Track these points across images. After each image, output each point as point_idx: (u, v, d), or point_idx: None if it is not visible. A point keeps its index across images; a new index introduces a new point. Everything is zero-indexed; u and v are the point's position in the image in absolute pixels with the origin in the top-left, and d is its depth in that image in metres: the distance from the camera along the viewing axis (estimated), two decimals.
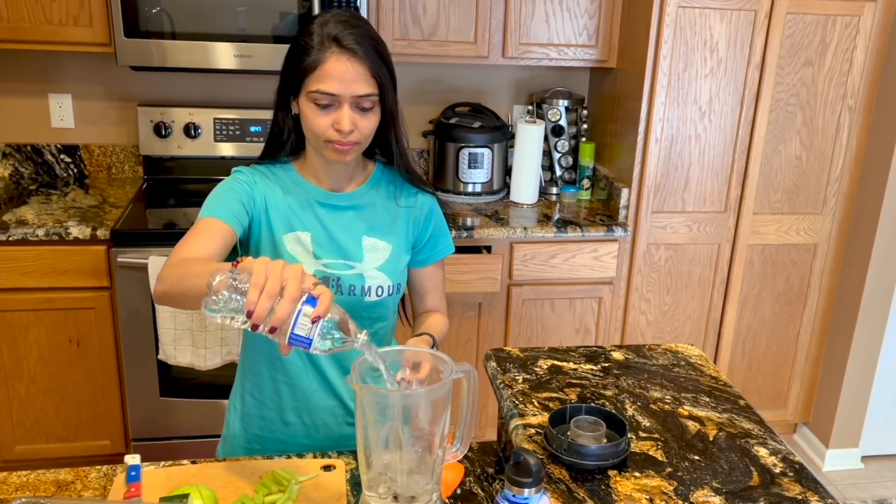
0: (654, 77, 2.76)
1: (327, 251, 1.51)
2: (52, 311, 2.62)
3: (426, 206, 1.60)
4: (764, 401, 3.26)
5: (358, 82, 1.39)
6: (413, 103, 3.23)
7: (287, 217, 1.51)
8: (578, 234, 2.82)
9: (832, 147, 2.96)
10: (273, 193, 1.51)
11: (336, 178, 1.54)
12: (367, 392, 1.15)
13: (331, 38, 1.38)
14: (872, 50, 2.85)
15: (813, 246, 3.08)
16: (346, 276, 1.51)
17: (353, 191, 1.55)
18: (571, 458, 1.34)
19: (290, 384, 1.58)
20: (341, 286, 1.51)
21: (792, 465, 1.37)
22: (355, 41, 1.38)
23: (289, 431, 1.61)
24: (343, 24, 1.40)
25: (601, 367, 1.68)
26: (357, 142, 1.43)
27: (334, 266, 1.51)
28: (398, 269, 1.56)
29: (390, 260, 1.55)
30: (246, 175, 1.51)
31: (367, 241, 1.54)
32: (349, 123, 1.40)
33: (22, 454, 2.78)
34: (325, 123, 1.41)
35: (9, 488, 1.34)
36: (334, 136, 1.41)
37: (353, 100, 1.40)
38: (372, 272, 1.53)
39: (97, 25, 2.64)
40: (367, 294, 1.52)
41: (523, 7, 2.86)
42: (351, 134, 1.41)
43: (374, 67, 1.40)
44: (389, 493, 1.19)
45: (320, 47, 1.38)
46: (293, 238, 1.50)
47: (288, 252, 1.49)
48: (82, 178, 3.10)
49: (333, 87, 1.38)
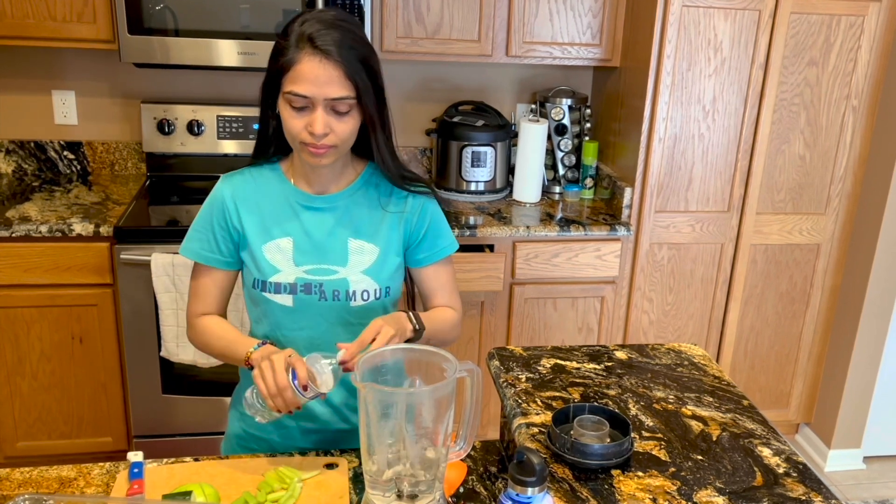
0: (658, 76, 2.75)
1: (309, 257, 1.48)
2: (55, 308, 2.63)
3: (418, 206, 1.54)
4: (766, 401, 3.26)
5: (331, 85, 1.33)
6: (416, 101, 3.23)
7: (265, 226, 1.49)
8: (581, 233, 2.81)
9: (836, 147, 2.96)
10: (250, 211, 1.49)
11: (322, 179, 1.49)
12: (371, 390, 1.15)
13: (305, 37, 1.33)
14: (877, 50, 2.85)
15: (816, 246, 3.08)
16: (328, 281, 1.48)
17: (339, 192, 1.51)
18: (575, 458, 1.34)
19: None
20: (324, 292, 1.48)
21: (795, 466, 1.37)
22: (331, 42, 1.33)
23: (286, 434, 1.61)
24: (322, 24, 1.34)
25: (604, 367, 1.68)
26: (333, 145, 1.38)
27: (316, 272, 1.48)
28: (386, 271, 1.52)
29: (377, 263, 1.51)
30: (226, 192, 1.50)
31: (354, 244, 1.50)
32: (322, 126, 1.35)
33: (24, 451, 2.78)
34: (299, 125, 1.37)
35: (11, 485, 1.34)
36: (308, 138, 1.37)
37: (327, 102, 1.34)
38: (357, 276, 1.49)
39: (101, 22, 2.64)
40: (352, 299, 1.49)
41: (527, 5, 2.86)
42: (325, 137, 1.36)
43: (349, 70, 1.33)
44: (393, 492, 1.19)
45: (295, 47, 1.34)
46: (273, 247, 1.48)
47: (268, 261, 1.48)
48: (85, 174, 3.10)
49: (305, 88, 1.33)
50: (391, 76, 3.23)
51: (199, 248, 1.51)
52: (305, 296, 1.48)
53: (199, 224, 1.52)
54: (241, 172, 1.53)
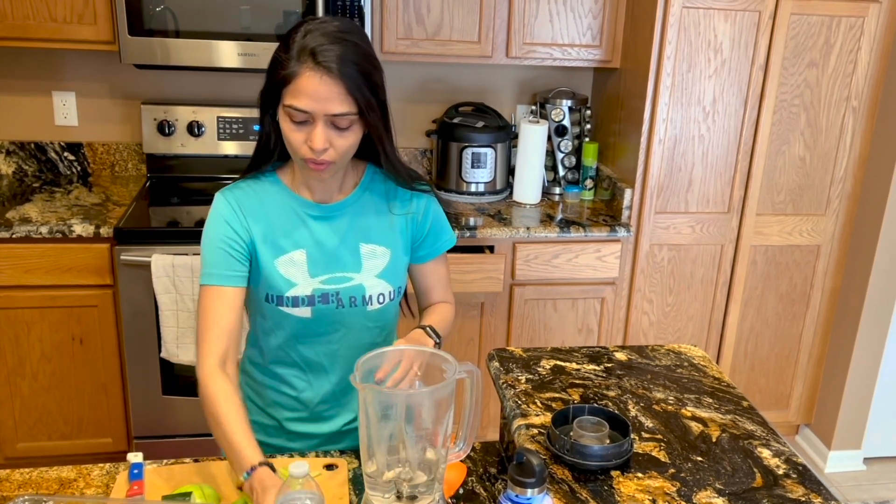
0: (658, 77, 2.76)
1: (323, 267, 1.47)
2: (56, 309, 2.63)
3: (422, 205, 1.54)
4: (766, 402, 3.26)
5: (332, 101, 1.29)
6: (416, 102, 3.23)
7: (276, 241, 1.45)
8: (581, 234, 2.81)
9: (836, 148, 2.96)
10: (258, 222, 1.44)
11: (325, 187, 1.47)
12: (371, 391, 1.15)
13: (308, 51, 1.29)
14: (877, 51, 2.85)
15: (816, 247, 3.08)
16: (345, 289, 1.48)
17: (345, 199, 1.49)
18: (574, 459, 1.34)
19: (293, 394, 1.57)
20: (341, 300, 1.48)
21: (795, 467, 1.37)
22: (334, 58, 1.29)
23: (295, 438, 1.61)
24: (325, 38, 1.30)
25: (604, 368, 1.68)
26: (332, 161, 1.35)
27: (332, 281, 1.47)
28: (398, 272, 1.53)
29: (390, 265, 1.51)
30: (230, 210, 1.43)
31: (366, 249, 1.50)
32: (322, 142, 1.32)
33: (24, 451, 2.78)
34: (299, 139, 1.33)
35: (11, 485, 1.35)
36: (308, 153, 1.34)
37: (328, 118, 1.31)
38: (372, 281, 1.49)
39: (101, 23, 2.64)
40: (368, 303, 1.49)
41: (527, 7, 2.86)
42: (325, 153, 1.33)
43: (350, 87, 1.30)
44: (392, 493, 1.19)
45: (297, 60, 1.30)
46: (286, 261, 1.45)
47: (282, 276, 1.44)
48: (86, 175, 3.10)
49: (306, 104, 1.30)
50: (392, 77, 3.24)
51: (221, 271, 1.41)
52: (323, 306, 1.47)
53: (209, 248, 1.42)
54: (238, 186, 1.47)
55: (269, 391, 1.58)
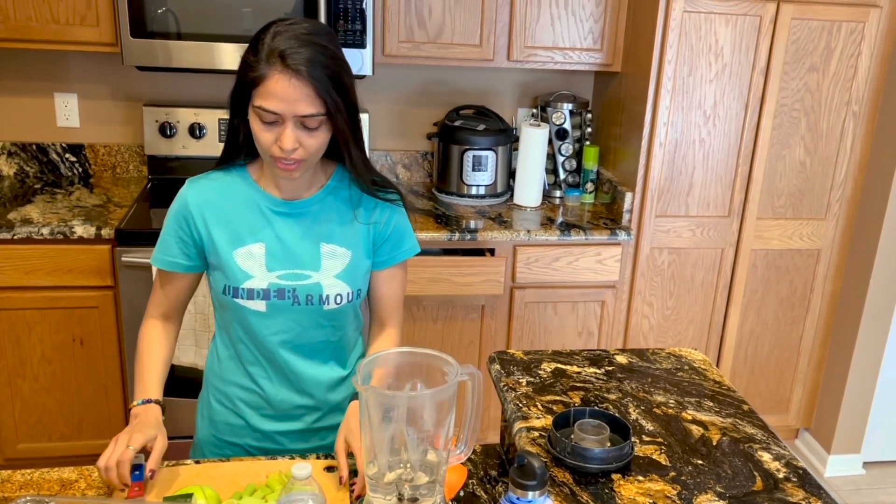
0: (659, 81, 2.76)
1: (281, 262, 1.48)
2: (56, 310, 2.63)
3: (385, 215, 1.54)
4: (766, 405, 3.26)
5: (301, 102, 1.32)
6: (417, 105, 3.23)
7: (237, 232, 1.48)
8: (582, 237, 2.82)
9: (836, 152, 2.96)
10: (219, 213, 1.48)
11: (293, 186, 1.49)
12: (373, 393, 1.16)
13: (277, 53, 1.32)
14: (877, 56, 2.85)
15: (816, 251, 3.08)
16: (301, 286, 1.49)
17: (311, 197, 1.50)
18: (575, 462, 1.34)
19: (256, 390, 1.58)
20: (298, 297, 1.48)
21: (795, 471, 1.37)
22: (302, 60, 1.31)
23: (262, 437, 1.61)
24: (294, 40, 1.33)
25: (605, 371, 1.68)
26: (302, 159, 1.38)
27: (289, 277, 1.48)
28: (358, 274, 1.53)
29: (350, 266, 1.51)
30: (191, 199, 1.50)
31: (326, 248, 1.50)
32: (291, 142, 1.34)
33: (25, 452, 2.78)
34: (269, 139, 1.36)
35: (13, 486, 1.35)
36: (278, 153, 1.36)
37: (297, 119, 1.34)
38: (330, 280, 1.50)
39: (104, 25, 2.64)
40: (325, 303, 1.50)
41: (529, 10, 2.86)
42: (294, 152, 1.36)
43: (319, 88, 1.32)
44: (393, 495, 1.19)
45: (266, 62, 1.33)
46: (244, 253, 1.48)
47: (239, 267, 1.47)
48: (87, 177, 3.11)
49: (275, 105, 1.32)
50: (393, 80, 3.26)
51: (164, 256, 1.53)
52: (279, 301, 1.48)
53: (164, 232, 1.53)
54: (207, 177, 1.52)
55: (234, 388, 1.60)
